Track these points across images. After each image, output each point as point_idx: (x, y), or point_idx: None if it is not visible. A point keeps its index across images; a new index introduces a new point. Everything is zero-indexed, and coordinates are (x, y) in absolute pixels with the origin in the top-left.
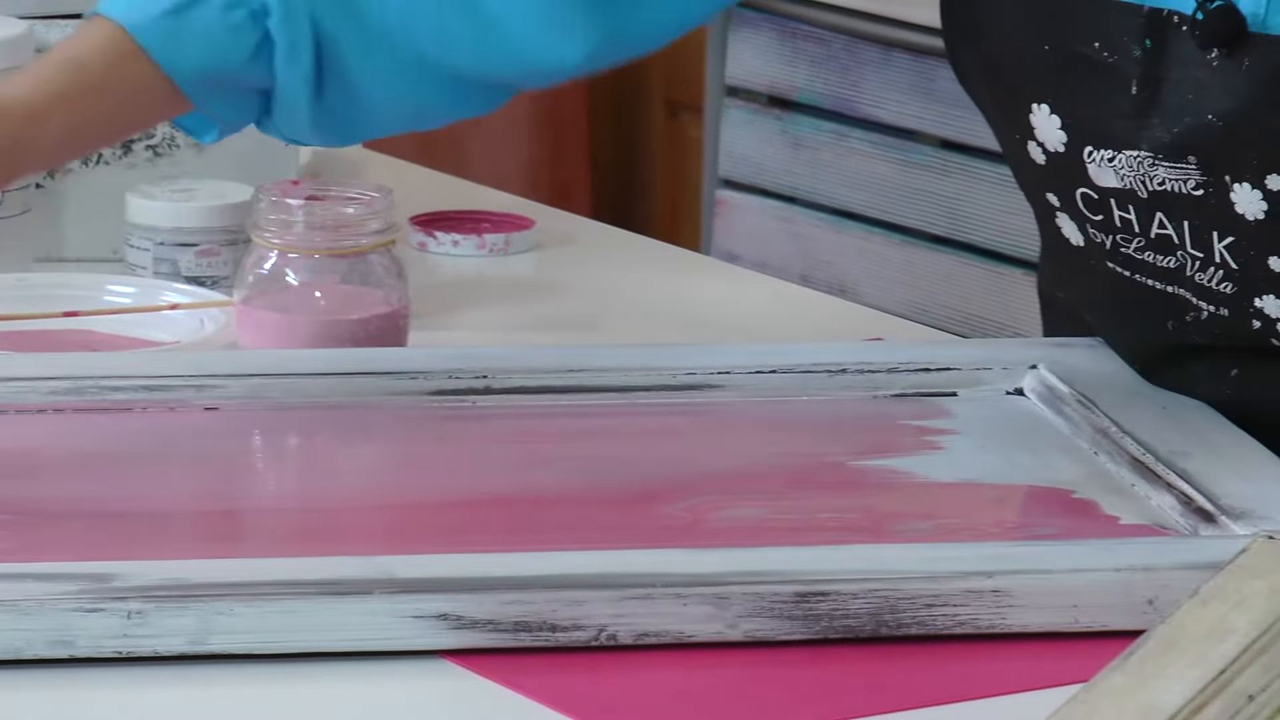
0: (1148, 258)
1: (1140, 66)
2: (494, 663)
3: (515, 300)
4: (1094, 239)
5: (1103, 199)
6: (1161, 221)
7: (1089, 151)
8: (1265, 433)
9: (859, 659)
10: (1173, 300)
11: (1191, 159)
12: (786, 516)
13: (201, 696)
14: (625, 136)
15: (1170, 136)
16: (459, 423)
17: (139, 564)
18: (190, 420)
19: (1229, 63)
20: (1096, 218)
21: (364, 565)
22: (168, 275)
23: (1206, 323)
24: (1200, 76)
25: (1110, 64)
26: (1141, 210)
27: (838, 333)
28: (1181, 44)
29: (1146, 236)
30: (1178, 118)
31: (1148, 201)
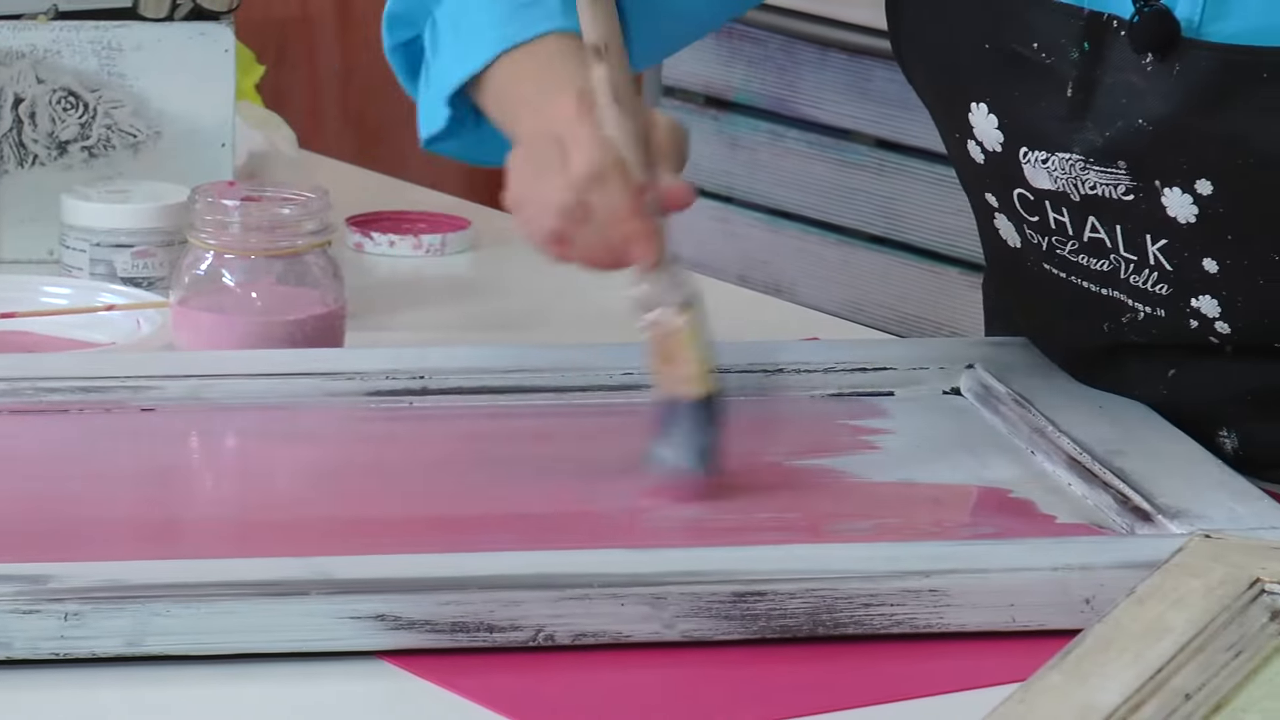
0: (1082, 260)
1: (1077, 69)
2: (431, 663)
3: (452, 300)
4: (1031, 240)
5: (1038, 200)
6: (1094, 225)
7: (1024, 152)
8: (1201, 432)
9: (796, 659)
10: (1108, 302)
11: (1121, 164)
12: (724, 516)
13: (139, 697)
14: None
15: (1102, 140)
16: (396, 423)
17: (76, 565)
18: (127, 421)
19: (1162, 67)
20: (1033, 219)
21: (301, 566)
22: (104, 276)
23: (1143, 323)
24: (1134, 81)
25: (1048, 65)
26: (1075, 213)
27: (774, 332)
28: (1118, 48)
29: (1080, 239)
30: (1110, 122)
31: (1080, 205)
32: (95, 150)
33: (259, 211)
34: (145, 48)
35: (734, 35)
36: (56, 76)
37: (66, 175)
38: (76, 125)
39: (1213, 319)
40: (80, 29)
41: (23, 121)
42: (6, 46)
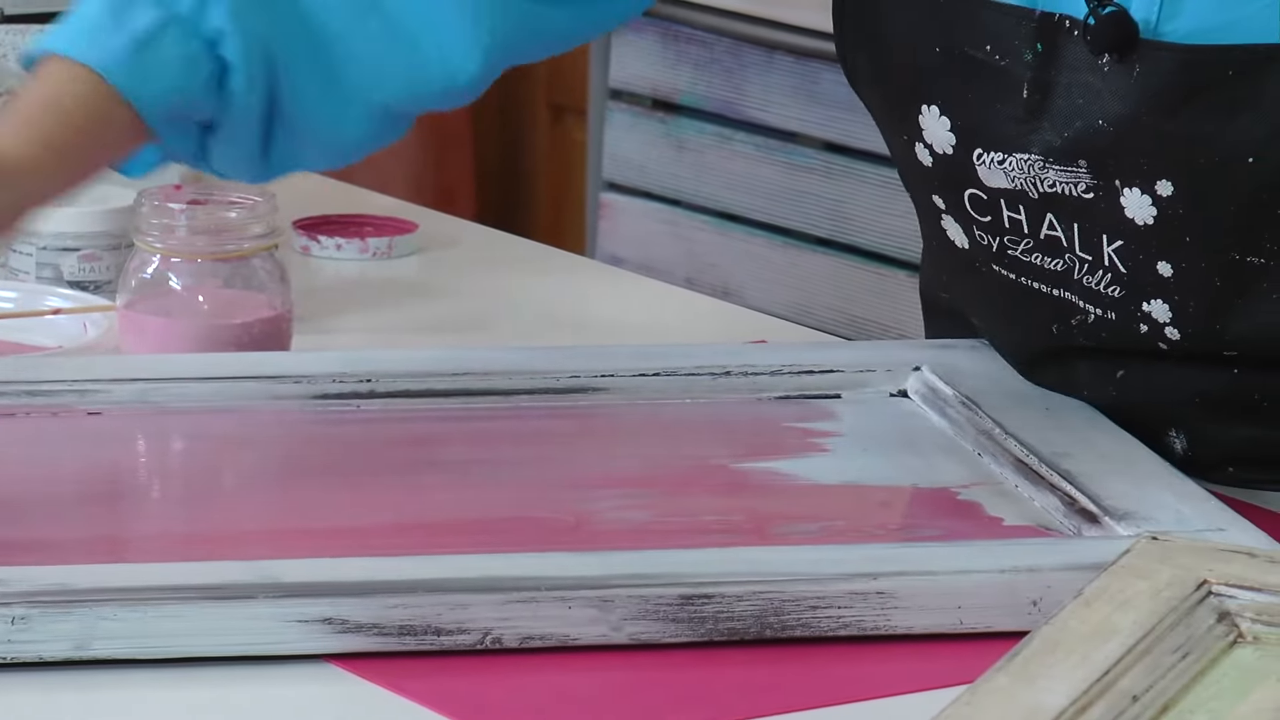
0: (1035, 260)
1: (1031, 70)
2: (379, 666)
3: (399, 304)
4: (980, 241)
5: (992, 200)
6: (1051, 223)
7: (979, 154)
8: (1148, 434)
9: (744, 661)
10: (1059, 303)
11: (1082, 163)
12: (671, 519)
13: (86, 701)
14: (509, 140)
15: (1061, 140)
16: (343, 426)
17: (22, 569)
18: (73, 425)
19: (1120, 68)
20: (984, 219)
21: (248, 570)
22: (50, 280)
23: (1093, 326)
24: (1091, 81)
25: (1002, 67)
26: (1031, 211)
27: (722, 335)
28: (1073, 48)
29: (1035, 238)
30: (1069, 122)
31: (1038, 202)
32: None
33: (205, 215)
34: None
35: (680, 38)
36: (2, 80)
37: None
38: None
39: (1163, 324)
40: (25, 32)
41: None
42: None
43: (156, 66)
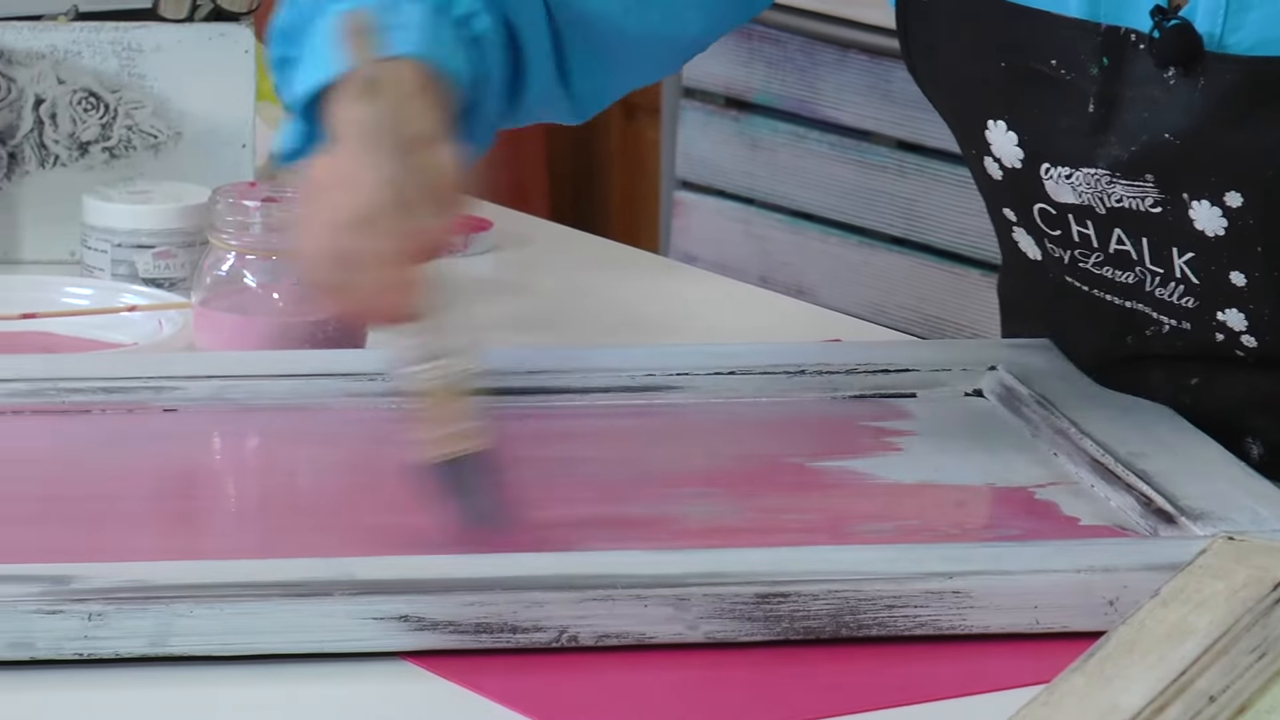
0: (1106, 273)
1: (1097, 84)
2: (455, 664)
3: (474, 301)
4: (1052, 254)
5: (1060, 214)
6: (1120, 237)
7: (1046, 168)
8: (1227, 439)
9: (820, 660)
10: (1133, 315)
11: (1149, 176)
12: (746, 518)
13: (162, 698)
14: (583, 138)
15: (1128, 155)
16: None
17: (99, 566)
18: (149, 422)
19: (1185, 81)
20: (1054, 233)
21: (324, 567)
22: (125, 277)
23: (1168, 336)
24: (1157, 95)
25: (1067, 81)
26: (1100, 226)
27: (796, 334)
28: (1138, 62)
29: (1105, 251)
30: (1135, 136)
31: (1106, 218)
32: (116, 151)
33: (280, 212)
34: (165, 49)
35: (754, 36)
36: (77, 77)
37: (87, 176)
38: (97, 126)
39: (1239, 332)
40: (100, 30)
41: (44, 122)
42: (27, 47)
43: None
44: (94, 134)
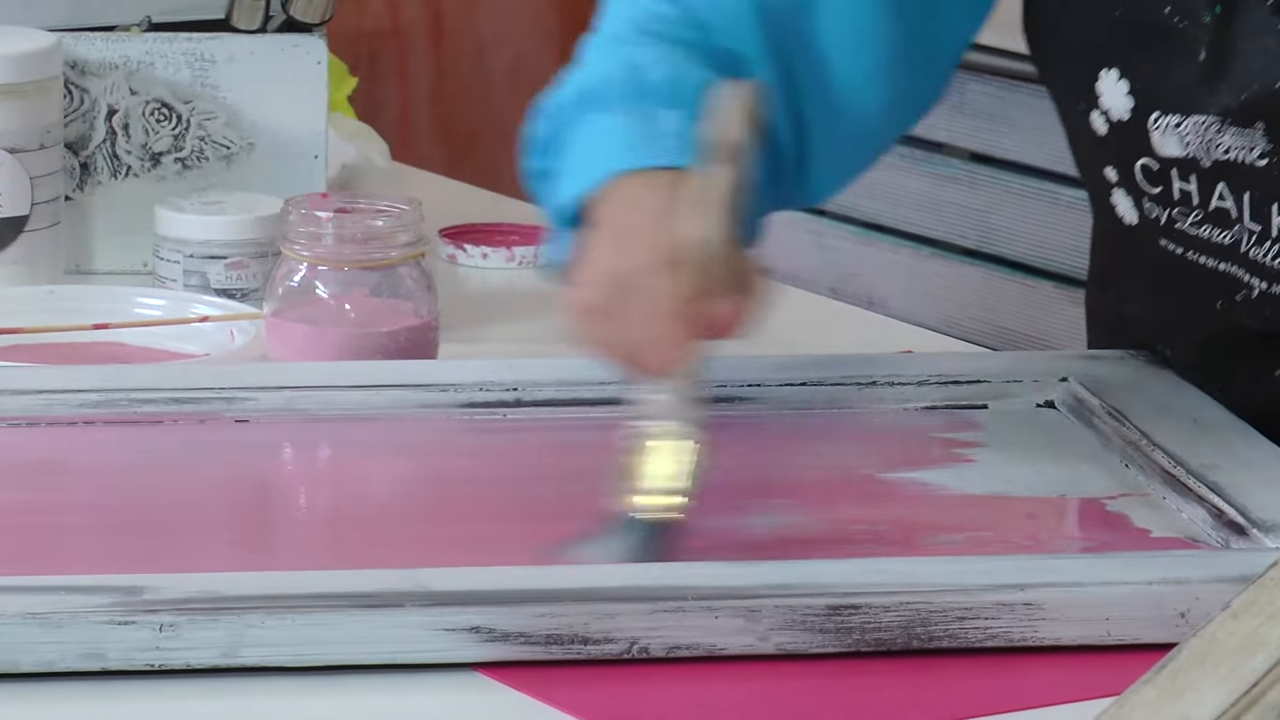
0: (1203, 232)
1: (1209, 33)
2: (526, 675)
3: (545, 312)
4: (1149, 215)
5: (1163, 170)
6: (1222, 192)
7: (1155, 118)
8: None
9: (890, 672)
10: (1224, 278)
11: (1260, 125)
12: (818, 529)
13: (233, 709)
14: None
15: (1238, 103)
16: (489, 435)
17: (171, 577)
18: (221, 433)
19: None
20: (1154, 190)
21: (396, 578)
22: (197, 288)
23: (1257, 302)
24: (1270, 44)
25: (1180, 29)
26: (1203, 180)
27: (867, 345)
28: (1252, 11)
29: (1205, 209)
30: (1246, 84)
31: (1210, 171)
32: (188, 162)
33: (352, 223)
34: (238, 59)
35: None
36: (150, 88)
37: (160, 187)
38: (170, 137)
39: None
40: (173, 40)
41: (116, 133)
42: (100, 58)
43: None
44: (166, 145)
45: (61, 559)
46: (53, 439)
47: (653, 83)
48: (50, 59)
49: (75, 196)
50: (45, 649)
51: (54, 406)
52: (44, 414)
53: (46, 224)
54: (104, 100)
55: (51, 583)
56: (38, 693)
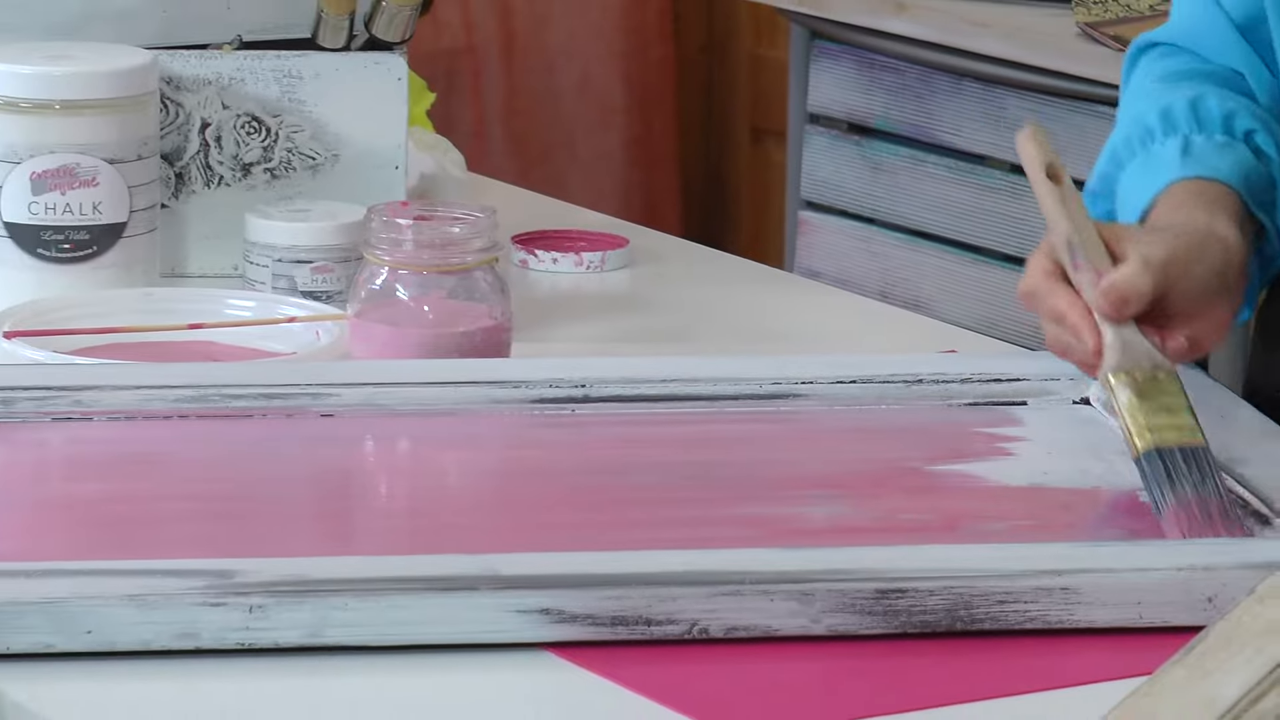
0: None
1: None
2: (592, 654)
3: (611, 314)
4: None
5: None
6: None
7: None
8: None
9: (935, 652)
10: None
11: None
12: (867, 517)
13: (318, 686)
14: (713, 161)
15: None
16: (559, 429)
17: (260, 561)
18: (306, 426)
19: None
20: None
21: (471, 563)
22: (285, 290)
23: None
24: None
25: None
26: None
27: (914, 345)
28: None
29: None
30: None
31: None
32: (277, 172)
33: (431, 230)
34: (324, 76)
35: (874, 66)
36: (241, 103)
37: (250, 195)
38: (259, 148)
39: None
40: (263, 58)
41: (209, 145)
42: (194, 74)
43: (1206, 158)
44: (256, 156)
45: (157, 545)
46: (149, 432)
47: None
48: (147, 75)
49: (171, 204)
50: (142, 629)
51: (150, 402)
52: (141, 409)
53: (144, 230)
54: (198, 114)
55: (148, 567)
56: (134, 670)
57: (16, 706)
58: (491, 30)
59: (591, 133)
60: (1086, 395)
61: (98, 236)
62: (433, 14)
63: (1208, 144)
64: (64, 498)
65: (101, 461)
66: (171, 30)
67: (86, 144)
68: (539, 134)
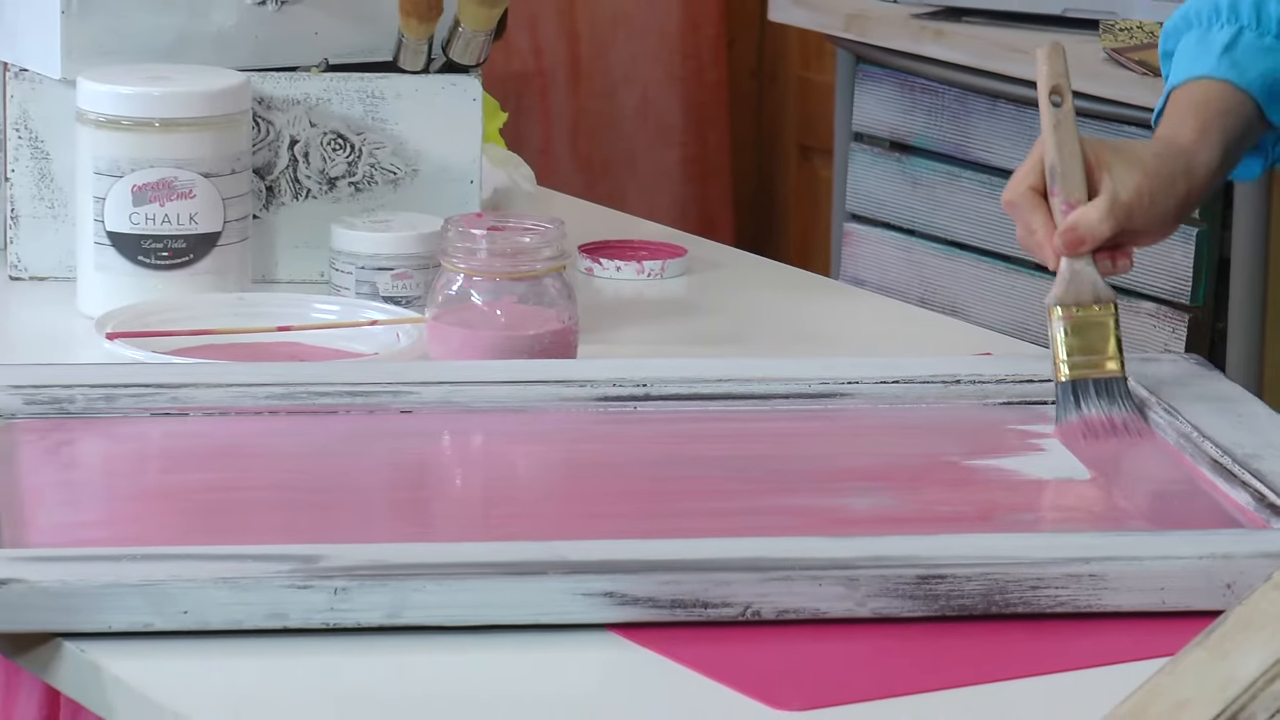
0: None
1: None
2: (652, 635)
3: (670, 318)
4: None
5: None
6: None
7: None
8: None
9: (972, 634)
10: None
11: None
12: (909, 508)
13: (397, 663)
14: (764, 176)
15: None
16: (622, 425)
17: (344, 547)
18: (387, 422)
19: None
20: None
21: (540, 549)
22: (367, 295)
23: None
24: None
25: None
26: None
27: (951, 348)
28: None
29: None
30: None
31: None
32: (360, 185)
33: (503, 239)
34: (404, 96)
35: (915, 88)
36: (327, 121)
37: (335, 207)
38: (344, 164)
39: None
40: (348, 80)
41: (298, 160)
42: (284, 95)
43: (1244, 59)
44: (341, 170)
45: (248, 531)
46: (241, 427)
47: None
48: (240, 96)
49: (261, 215)
50: (234, 609)
51: (242, 398)
52: (233, 405)
53: (236, 239)
54: (287, 132)
55: (240, 552)
56: (227, 648)
57: (117, 680)
58: (559, 55)
59: (651, 150)
60: None
61: (194, 245)
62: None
63: (1257, 42)
64: (162, 487)
65: (197, 454)
66: (263, 54)
67: (184, 159)
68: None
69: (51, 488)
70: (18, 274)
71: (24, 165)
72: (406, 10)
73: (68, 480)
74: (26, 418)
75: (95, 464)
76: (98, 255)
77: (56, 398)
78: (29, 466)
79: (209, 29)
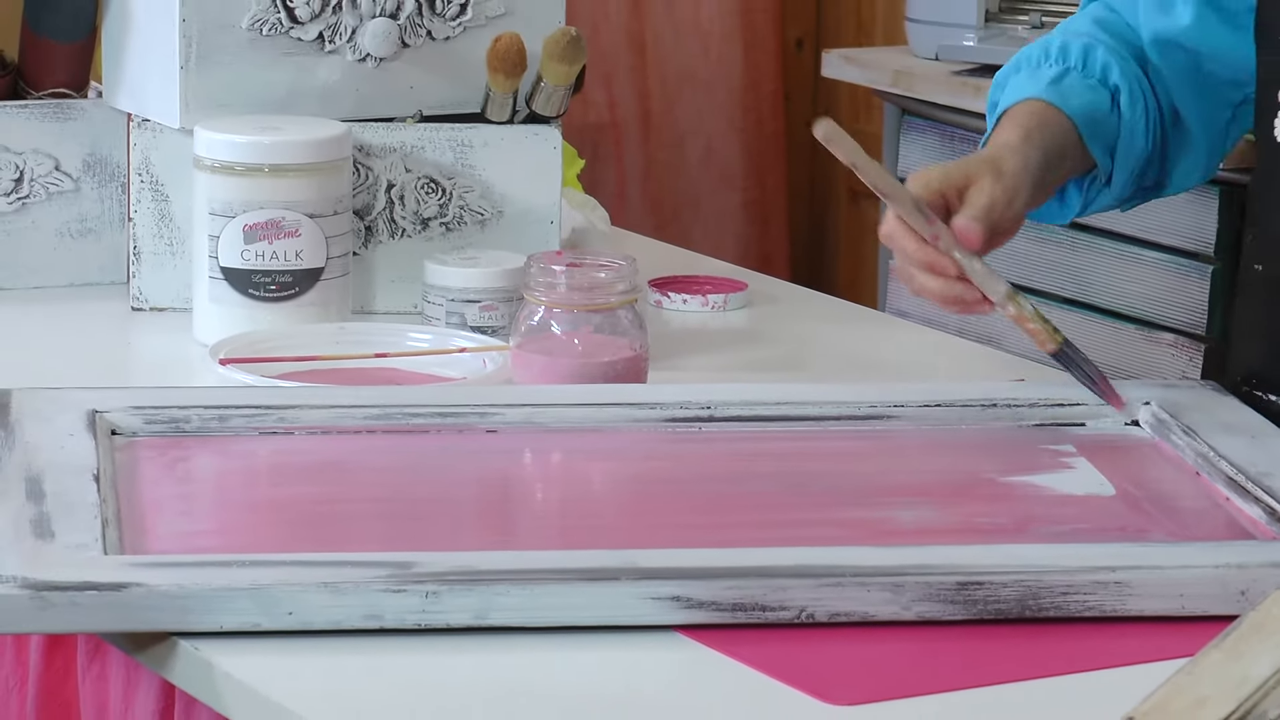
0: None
1: None
2: (715, 635)
3: (732, 347)
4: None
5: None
6: None
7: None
8: None
9: (1007, 636)
10: None
11: None
12: (949, 521)
13: (483, 661)
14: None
15: None
16: (688, 444)
17: (435, 554)
18: (474, 441)
19: None
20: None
21: (613, 557)
22: (457, 325)
23: None
24: None
25: None
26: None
27: (988, 375)
28: None
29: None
30: None
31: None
32: (451, 225)
33: (581, 274)
34: (491, 145)
35: (955, 138)
36: (420, 167)
37: (427, 245)
38: (436, 205)
39: None
40: (439, 129)
41: (394, 202)
42: (382, 143)
43: (1069, 91)
44: (433, 212)
45: (348, 539)
46: (341, 445)
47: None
48: (342, 144)
49: (361, 252)
50: (334, 611)
51: (342, 419)
52: (334, 425)
53: (338, 274)
54: (384, 176)
55: (340, 558)
56: (327, 647)
57: (227, 676)
58: (632, 109)
59: (715, 194)
60: (1136, 418)
61: (299, 279)
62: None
63: (1081, 81)
64: (269, 500)
65: (301, 469)
66: (363, 106)
67: (291, 201)
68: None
69: (169, 500)
70: (139, 305)
71: (145, 207)
72: (494, 67)
73: (183, 493)
74: (147, 436)
75: (208, 478)
76: (212, 288)
77: (174, 418)
78: (149, 480)
79: (315, 83)
